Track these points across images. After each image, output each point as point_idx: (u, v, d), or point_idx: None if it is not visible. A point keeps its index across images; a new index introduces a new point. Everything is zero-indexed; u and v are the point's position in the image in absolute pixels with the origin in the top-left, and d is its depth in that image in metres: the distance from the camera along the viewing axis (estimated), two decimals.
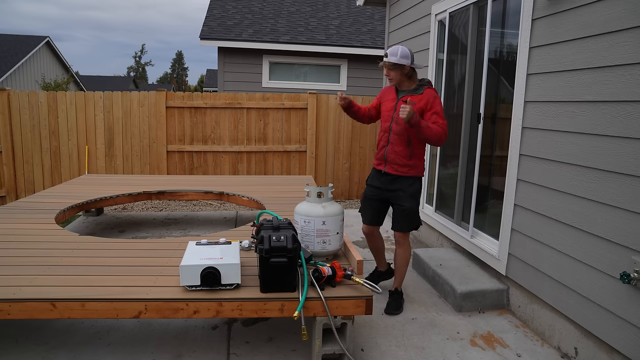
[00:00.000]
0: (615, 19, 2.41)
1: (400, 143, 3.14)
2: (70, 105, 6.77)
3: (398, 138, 3.15)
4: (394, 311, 3.25)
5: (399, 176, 3.18)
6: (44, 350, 2.71)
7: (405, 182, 3.18)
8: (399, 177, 3.18)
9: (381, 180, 3.27)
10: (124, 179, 5.62)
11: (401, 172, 3.17)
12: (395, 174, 3.18)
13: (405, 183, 3.18)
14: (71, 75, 25.41)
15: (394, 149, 3.16)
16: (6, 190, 6.77)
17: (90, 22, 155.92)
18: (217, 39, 9.88)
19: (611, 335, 2.45)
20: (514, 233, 3.31)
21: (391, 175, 3.21)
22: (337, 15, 11.73)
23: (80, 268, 2.73)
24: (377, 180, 3.29)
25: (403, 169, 3.16)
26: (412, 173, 3.18)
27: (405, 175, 3.17)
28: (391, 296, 3.35)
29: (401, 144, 3.14)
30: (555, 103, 2.88)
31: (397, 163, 3.16)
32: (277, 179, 5.82)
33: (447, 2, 4.31)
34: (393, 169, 3.19)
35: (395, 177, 3.19)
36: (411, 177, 3.18)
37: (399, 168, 3.17)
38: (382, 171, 3.24)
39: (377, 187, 3.30)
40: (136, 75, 67.67)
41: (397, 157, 3.16)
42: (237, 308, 2.40)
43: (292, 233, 2.47)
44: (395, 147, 3.16)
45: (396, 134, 3.15)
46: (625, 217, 2.36)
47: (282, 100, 7.13)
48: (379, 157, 3.28)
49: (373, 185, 3.33)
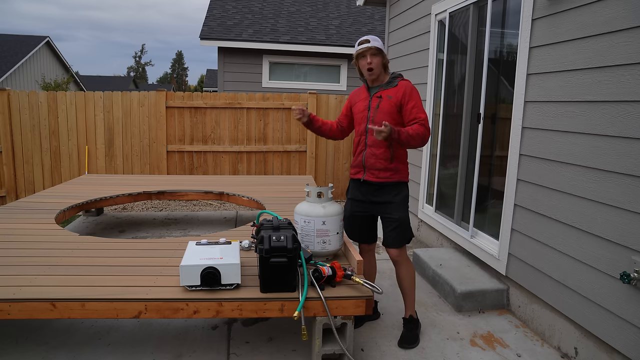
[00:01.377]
0: (615, 19, 2.41)
1: (381, 144, 2.78)
2: (70, 105, 6.78)
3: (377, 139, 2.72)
4: (408, 345, 2.85)
5: (382, 184, 2.82)
6: (44, 350, 2.71)
7: (390, 190, 2.83)
8: (382, 186, 2.83)
9: (362, 191, 2.90)
10: (124, 179, 5.62)
11: (383, 178, 2.80)
12: (377, 181, 2.82)
13: (391, 192, 2.82)
14: (71, 75, 25.40)
15: (372, 152, 2.80)
16: (6, 190, 6.77)
17: (91, 22, 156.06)
18: (217, 39, 9.88)
19: (611, 335, 2.45)
20: (514, 233, 3.31)
21: (373, 185, 2.84)
22: (337, 15, 11.74)
23: (80, 268, 2.73)
24: (359, 192, 2.93)
25: (384, 174, 2.80)
26: (396, 178, 2.82)
27: (388, 181, 2.81)
28: (406, 326, 2.95)
29: (381, 145, 2.78)
30: (555, 103, 2.88)
31: (377, 168, 2.80)
32: (277, 179, 5.82)
33: (447, 2, 4.31)
34: (373, 176, 2.82)
35: (378, 186, 2.83)
36: (395, 182, 2.82)
37: (380, 174, 2.80)
38: (362, 180, 2.88)
39: (360, 201, 2.93)
40: (136, 75, 67.69)
41: (376, 161, 2.79)
42: (237, 308, 2.40)
43: (292, 233, 2.47)
44: (374, 150, 2.80)
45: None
46: (625, 217, 2.36)
47: (282, 100, 7.13)
48: (356, 163, 2.92)
49: (355, 199, 2.95)
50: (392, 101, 2.76)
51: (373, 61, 2.77)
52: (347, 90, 10.43)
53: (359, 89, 3.01)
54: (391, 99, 2.77)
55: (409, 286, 2.94)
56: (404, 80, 2.84)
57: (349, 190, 3.04)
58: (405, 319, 2.98)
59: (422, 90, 4.89)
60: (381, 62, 2.81)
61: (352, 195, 3.00)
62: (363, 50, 2.78)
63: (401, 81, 2.83)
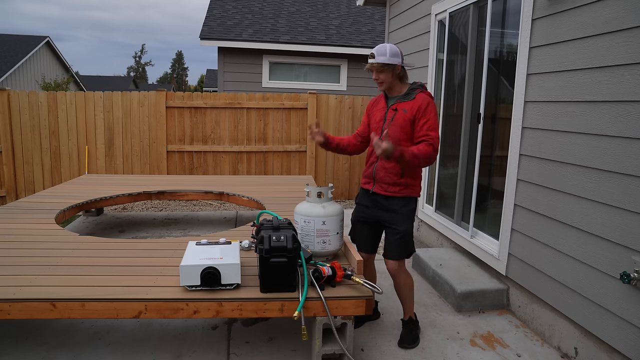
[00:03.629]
0: (615, 19, 2.41)
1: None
2: (70, 105, 6.77)
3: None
4: (408, 345, 2.85)
5: (389, 196, 2.77)
6: (44, 350, 2.71)
7: (398, 202, 2.76)
8: (390, 198, 2.77)
9: (371, 199, 2.86)
10: (124, 179, 5.62)
11: (391, 192, 2.74)
12: (385, 194, 2.76)
13: (398, 203, 2.76)
14: (71, 75, 25.40)
15: (383, 165, 2.74)
16: (6, 190, 6.77)
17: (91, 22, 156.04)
18: (217, 39, 9.88)
19: (611, 335, 2.45)
20: (514, 233, 3.31)
21: (381, 196, 2.80)
22: (337, 15, 11.73)
23: (80, 268, 2.73)
24: (367, 199, 2.89)
25: (394, 188, 2.74)
26: (405, 193, 2.75)
27: (397, 195, 2.74)
28: (405, 327, 2.94)
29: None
30: (555, 103, 2.88)
31: (387, 182, 2.74)
32: (277, 179, 5.82)
33: (447, 2, 4.31)
34: (382, 189, 2.77)
35: (386, 197, 2.78)
36: (404, 197, 2.76)
37: (389, 188, 2.74)
38: (371, 191, 2.83)
39: (366, 206, 2.89)
40: (136, 75, 67.68)
41: (386, 175, 2.73)
42: (237, 308, 2.40)
43: (292, 233, 2.47)
44: (385, 164, 2.73)
45: None
46: (625, 217, 2.36)
47: (282, 100, 7.13)
48: (367, 174, 2.87)
49: (363, 204, 2.92)
50: (407, 115, 2.66)
51: (380, 77, 2.69)
52: (347, 90, 10.43)
53: (377, 97, 2.92)
54: (406, 113, 2.67)
55: (407, 295, 2.91)
56: (423, 92, 2.71)
57: (358, 197, 3.00)
58: (405, 320, 2.97)
59: None
60: (390, 76, 2.69)
61: (360, 201, 2.97)
62: (368, 67, 2.71)
63: (419, 94, 2.69)
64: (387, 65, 2.65)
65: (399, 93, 2.76)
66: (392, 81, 2.72)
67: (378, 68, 2.66)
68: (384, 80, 2.69)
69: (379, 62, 2.64)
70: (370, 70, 2.71)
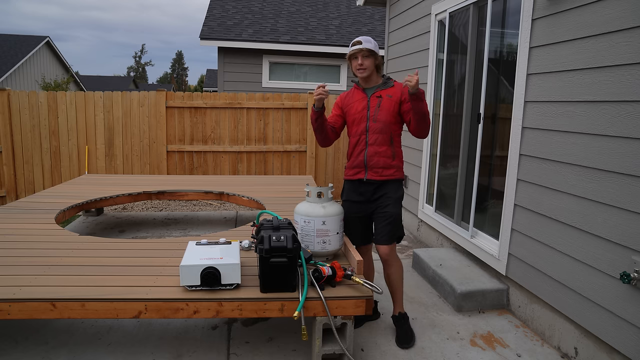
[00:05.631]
0: (615, 19, 2.41)
1: (383, 142, 2.81)
2: (70, 105, 6.78)
3: (380, 137, 2.80)
4: (407, 344, 2.86)
5: (383, 182, 2.85)
6: (44, 350, 2.71)
7: (391, 186, 2.86)
8: (383, 183, 2.86)
9: (361, 191, 2.90)
10: (124, 179, 5.62)
11: (386, 175, 2.83)
12: (380, 179, 2.84)
13: (392, 187, 2.86)
14: (71, 75, 25.41)
15: (376, 150, 2.81)
16: (6, 190, 6.77)
17: (92, 22, 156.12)
18: (217, 39, 9.89)
19: (611, 335, 2.45)
20: (514, 233, 3.31)
21: (375, 182, 2.85)
22: (337, 15, 11.74)
23: (80, 268, 2.73)
24: (356, 193, 2.92)
25: (388, 171, 2.83)
26: (398, 175, 2.87)
27: (391, 178, 2.85)
28: (397, 324, 2.96)
29: (384, 143, 2.81)
30: (555, 103, 2.88)
31: (381, 166, 2.82)
32: (277, 179, 5.82)
33: (447, 2, 4.31)
34: (377, 174, 2.83)
35: (379, 183, 2.85)
36: (397, 179, 2.88)
37: (384, 172, 2.83)
38: (364, 179, 2.86)
39: (357, 202, 2.93)
40: (136, 75, 67.71)
41: (380, 158, 2.81)
42: (237, 308, 2.40)
43: (292, 233, 2.47)
44: (377, 148, 2.81)
45: (377, 133, 2.81)
46: (625, 217, 2.36)
47: (282, 100, 7.13)
48: (356, 164, 2.88)
49: (353, 200, 2.94)
50: (393, 99, 2.82)
51: (364, 63, 2.77)
52: (348, 90, 10.43)
53: (349, 91, 3.03)
54: (391, 98, 2.82)
55: (398, 283, 2.96)
56: (396, 82, 2.92)
57: (345, 193, 3.01)
58: (395, 316, 2.98)
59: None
60: (373, 64, 2.81)
61: (348, 197, 2.98)
62: (355, 52, 2.77)
63: (395, 82, 2.90)
64: (373, 52, 2.78)
65: (375, 83, 2.90)
66: (372, 70, 2.84)
67: (365, 53, 2.76)
68: (367, 67, 2.79)
69: (367, 48, 2.74)
70: (355, 57, 2.78)
